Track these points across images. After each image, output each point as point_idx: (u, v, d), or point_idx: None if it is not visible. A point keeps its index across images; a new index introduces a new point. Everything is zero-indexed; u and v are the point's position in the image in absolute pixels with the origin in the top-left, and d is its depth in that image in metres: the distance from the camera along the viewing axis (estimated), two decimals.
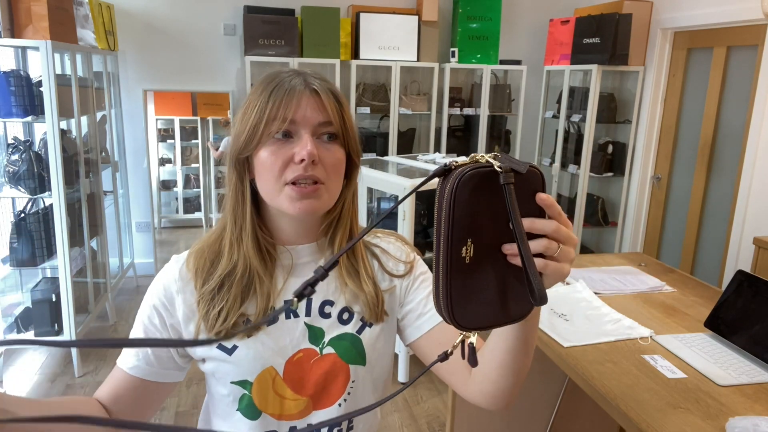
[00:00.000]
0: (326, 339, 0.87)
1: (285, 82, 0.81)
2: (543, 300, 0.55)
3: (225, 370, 0.85)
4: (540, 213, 0.58)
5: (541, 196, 0.57)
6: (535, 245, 0.56)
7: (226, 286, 0.84)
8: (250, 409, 0.85)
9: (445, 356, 0.62)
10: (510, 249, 0.57)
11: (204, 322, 0.83)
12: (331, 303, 0.89)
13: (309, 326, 0.87)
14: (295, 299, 0.52)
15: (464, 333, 0.61)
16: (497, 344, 0.74)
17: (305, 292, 0.53)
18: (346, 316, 0.89)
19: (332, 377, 0.87)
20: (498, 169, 0.55)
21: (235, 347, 0.84)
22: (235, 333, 0.76)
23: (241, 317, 0.84)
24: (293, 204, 0.80)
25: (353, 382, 0.88)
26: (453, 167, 0.56)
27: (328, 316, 0.88)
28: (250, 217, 0.85)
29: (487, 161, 0.55)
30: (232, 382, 0.85)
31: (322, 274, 0.54)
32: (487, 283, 0.58)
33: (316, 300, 0.89)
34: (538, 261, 0.56)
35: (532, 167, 0.57)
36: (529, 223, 0.56)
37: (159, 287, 0.87)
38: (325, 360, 0.87)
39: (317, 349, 0.87)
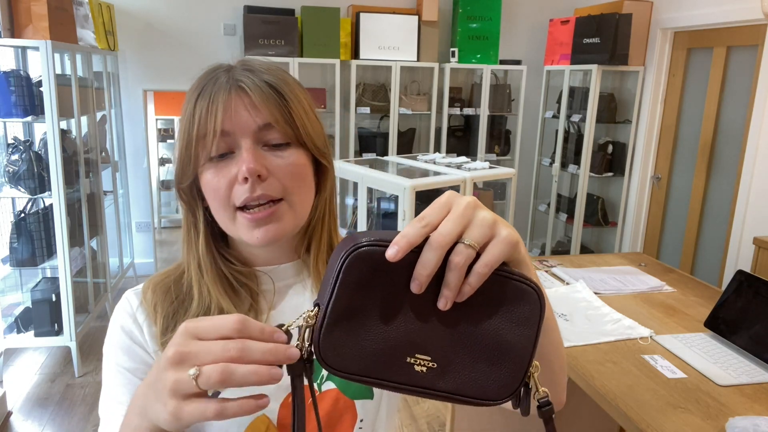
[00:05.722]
0: (324, 372, 0.72)
1: (209, 84, 0.66)
2: (541, 293, 0.45)
3: (205, 423, 0.68)
4: (416, 254, 0.43)
5: (389, 256, 0.42)
6: (453, 275, 0.42)
7: None
8: None
9: (518, 402, 0.49)
10: (444, 303, 0.43)
11: None
12: None
13: None
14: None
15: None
16: None
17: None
18: None
19: (336, 418, 0.72)
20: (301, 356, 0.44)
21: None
22: None
23: None
24: (251, 233, 0.66)
25: (362, 421, 0.73)
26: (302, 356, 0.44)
27: None
28: (206, 253, 0.71)
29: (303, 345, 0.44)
30: None
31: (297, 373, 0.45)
32: (482, 341, 0.45)
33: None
34: (473, 276, 0.43)
35: (350, 256, 0.43)
36: (422, 274, 0.42)
37: (117, 331, 0.71)
38: (325, 398, 0.72)
39: (315, 385, 0.71)
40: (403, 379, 0.44)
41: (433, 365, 0.45)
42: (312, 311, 0.44)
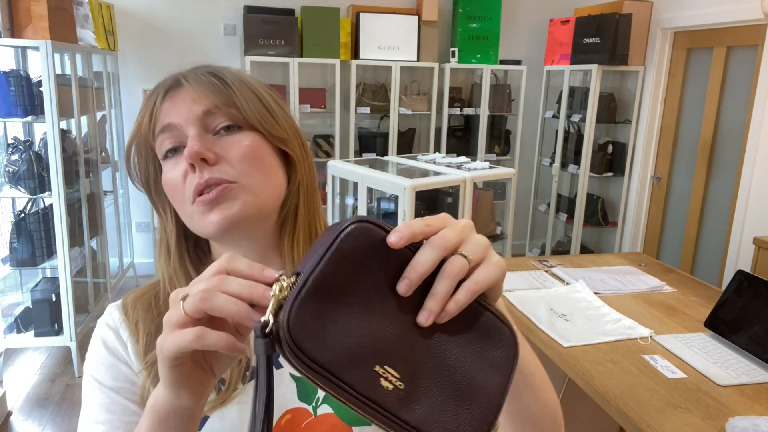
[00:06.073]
0: (320, 394, 0.68)
1: (155, 89, 0.66)
2: (515, 337, 0.43)
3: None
4: (409, 255, 0.41)
5: (390, 241, 0.40)
6: (444, 284, 0.40)
7: None
8: None
9: None
10: (427, 316, 0.41)
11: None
12: None
13: (297, 379, 0.68)
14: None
15: None
16: None
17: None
18: None
19: None
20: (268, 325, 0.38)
21: (205, 419, 0.64)
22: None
23: None
24: (205, 220, 0.62)
25: None
26: (272, 327, 0.39)
27: None
28: (179, 267, 0.68)
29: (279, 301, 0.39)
30: None
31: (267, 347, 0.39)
32: (454, 375, 0.41)
33: None
34: (462, 292, 0.41)
35: (354, 225, 0.40)
36: (416, 272, 0.40)
37: (99, 347, 0.68)
38: (320, 423, 0.67)
39: (309, 408, 0.67)
40: (365, 389, 0.39)
41: (400, 385, 0.40)
42: (291, 279, 0.40)
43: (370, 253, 0.40)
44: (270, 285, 0.42)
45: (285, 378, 0.67)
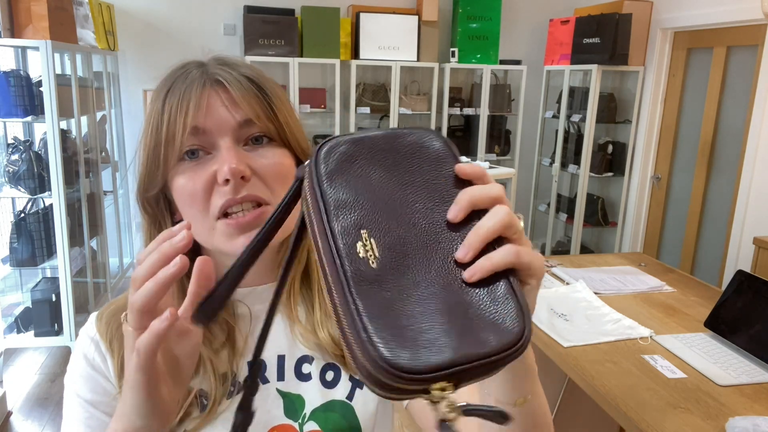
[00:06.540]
0: (307, 410, 0.65)
1: (179, 80, 0.61)
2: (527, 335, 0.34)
3: None
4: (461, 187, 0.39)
5: (457, 165, 0.39)
6: (491, 221, 0.36)
7: None
8: None
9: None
10: (465, 252, 0.36)
11: None
12: (309, 359, 0.66)
13: (283, 394, 0.65)
14: None
15: (426, 394, 0.32)
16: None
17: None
18: (330, 376, 0.66)
19: None
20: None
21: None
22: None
23: (195, 397, 0.61)
24: (233, 241, 0.58)
25: None
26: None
27: (307, 377, 0.66)
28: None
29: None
30: None
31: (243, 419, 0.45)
32: (424, 294, 0.34)
33: (291, 356, 0.66)
34: (508, 247, 0.36)
35: (430, 131, 0.41)
36: (469, 196, 0.37)
37: (79, 358, 0.65)
38: None
39: (296, 425, 0.65)
40: (341, 240, 0.35)
41: (373, 263, 0.35)
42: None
43: (425, 154, 0.40)
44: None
45: (271, 393, 0.65)
